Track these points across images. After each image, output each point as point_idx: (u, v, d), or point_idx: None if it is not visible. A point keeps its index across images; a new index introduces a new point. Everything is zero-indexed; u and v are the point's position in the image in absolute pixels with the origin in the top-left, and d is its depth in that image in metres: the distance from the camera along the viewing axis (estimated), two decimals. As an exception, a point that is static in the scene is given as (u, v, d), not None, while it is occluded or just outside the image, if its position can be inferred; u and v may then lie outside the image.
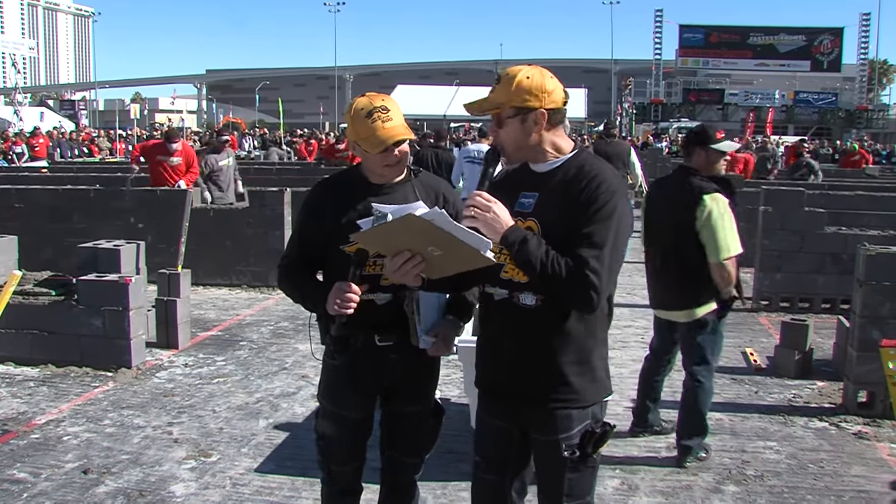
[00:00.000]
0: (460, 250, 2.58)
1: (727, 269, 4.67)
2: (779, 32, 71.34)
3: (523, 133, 2.67)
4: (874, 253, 5.86)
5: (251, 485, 4.65)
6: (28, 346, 6.74)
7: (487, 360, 2.84)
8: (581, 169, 2.65)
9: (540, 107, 2.65)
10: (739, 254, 4.73)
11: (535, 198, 2.68)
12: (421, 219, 2.55)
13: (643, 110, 65.90)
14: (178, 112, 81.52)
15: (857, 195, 11.86)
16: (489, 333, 2.82)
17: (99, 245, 7.00)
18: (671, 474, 4.85)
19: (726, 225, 4.66)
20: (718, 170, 4.97)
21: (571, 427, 2.69)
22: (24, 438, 5.27)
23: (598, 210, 2.55)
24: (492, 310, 2.77)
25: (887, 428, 5.58)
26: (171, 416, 5.72)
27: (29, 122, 39.65)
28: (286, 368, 6.90)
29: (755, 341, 7.98)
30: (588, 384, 2.71)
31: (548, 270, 2.50)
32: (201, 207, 10.31)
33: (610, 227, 2.54)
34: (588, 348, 2.70)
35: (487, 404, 2.89)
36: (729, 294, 4.79)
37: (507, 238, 2.55)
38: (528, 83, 2.64)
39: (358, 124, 2.94)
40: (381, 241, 2.75)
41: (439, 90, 37.29)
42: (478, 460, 2.94)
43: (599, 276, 2.50)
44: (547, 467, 2.78)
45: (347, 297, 2.84)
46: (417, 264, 2.70)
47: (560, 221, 2.58)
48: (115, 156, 32.23)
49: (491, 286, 2.74)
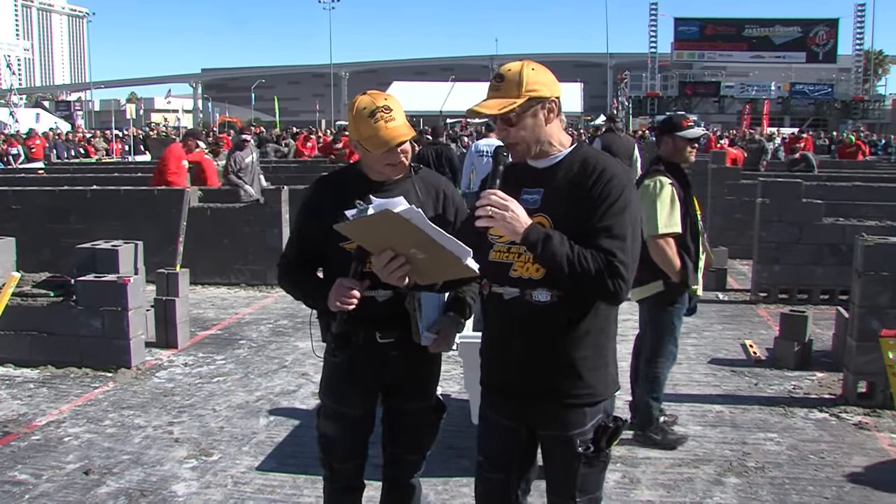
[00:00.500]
0: (441, 255, 2.57)
1: (661, 247, 4.80)
2: (774, 24, 71.48)
3: (538, 125, 2.65)
4: (872, 243, 5.87)
5: (253, 483, 4.65)
6: (27, 347, 6.73)
7: (496, 358, 2.81)
8: (586, 162, 2.64)
9: (552, 95, 2.65)
10: (677, 234, 4.85)
11: (541, 194, 2.66)
12: (398, 215, 2.54)
13: (639, 104, 65.96)
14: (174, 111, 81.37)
15: (854, 186, 11.85)
16: (497, 332, 2.80)
17: (97, 245, 7.00)
18: (672, 467, 4.86)
19: (661, 204, 4.81)
20: (687, 157, 5.11)
21: (585, 423, 2.69)
22: (24, 440, 5.27)
23: (612, 204, 2.55)
24: (500, 309, 2.74)
25: (887, 418, 5.59)
26: (171, 416, 5.72)
27: (25, 124, 39.63)
28: (286, 366, 6.90)
29: (754, 333, 7.99)
30: (600, 379, 2.71)
31: (576, 267, 2.49)
32: (198, 206, 10.30)
33: (626, 219, 2.56)
34: (602, 343, 2.71)
35: (495, 403, 2.86)
36: (677, 277, 4.88)
37: (528, 237, 2.52)
38: (535, 74, 2.63)
39: (360, 124, 2.92)
40: (363, 235, 2.75)
41: (435, 86, 37.28)
42: (481, 460, 2.93)
43: (627, 266, 2.52)
44: (559, 464, 2.77)
45: (349, 294, 2.83)
46: (402, 265, 2.70)
47: (571, 217, 2.58)
48: (111, 156, 32.20)
49: (499, 286, 2.72)
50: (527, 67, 2.64)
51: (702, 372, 6.73)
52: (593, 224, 2.54)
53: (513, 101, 2.60)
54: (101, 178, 14.01)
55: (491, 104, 2.63)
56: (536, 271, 2.60)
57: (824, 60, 71.01)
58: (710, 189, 12.86)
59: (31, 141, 27.10)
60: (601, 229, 2.53)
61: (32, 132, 29.11)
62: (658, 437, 5.14)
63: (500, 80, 2.65)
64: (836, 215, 9.65)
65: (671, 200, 4.85)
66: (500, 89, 2.64)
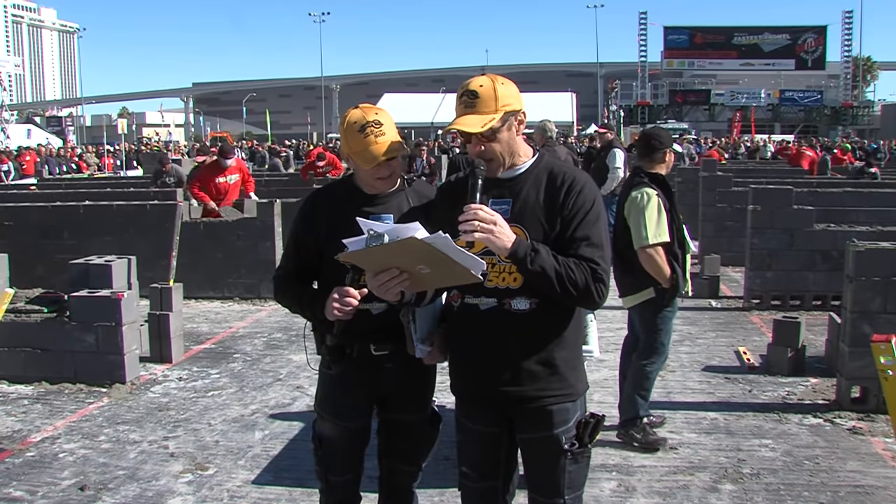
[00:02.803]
0: (451, 269, 2.56)
1: (651, 256, 4.97)
2: (763, 32, 71.72)
3: (512, 138, 2.71)
4: (863, 249, 5.91)
5: (249, 497, 4.64)
6: (21, 363, 6.72)
7: (472, 368, 2.82)
8: (553, 174, 2.72)
9: (521, 108, 2.72)
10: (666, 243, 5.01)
11: (510, 204, 2.70)
12: (422, 242, 2.50)
13: (630, 113, 66.12)
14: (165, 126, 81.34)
15: (844, 192, 11.91)
16: (471, 342, 2.80)
17: (90, 261, 6.99)
18: (668, 475, 4.87)
19: (649, 215, 4.98)
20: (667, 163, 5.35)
21: (568, 420, 2.76)
22: (19, 457, 5.25)
23: (587, 213, 2.65)
24: (476, 319, 2.74)
25: (881, 423, 5.61)
26: (166, 431, 5.71)
27: (16, 140, 39.54)
28: (280, 379, 6.89)
29: (748, 340, 8.01)
30: (579, 376, 2.82)
31: (564, 278, 2.56)
32: (192, 221, 10.30)
33: (601, 228, 2.67)
34: (577, 342, 2.82)
35: (470, 412, 2.89)
36: (667, 284, 5.04)
37: (516, 252, 2.55)
38: (505, 88, 2.69)
39: (351, 138, 2.95)
40: (370, 261, 2.70)
41: (426, 98, 37.51)
42: (464, 470, 2.94)
43: (607, 272, 2.65)
44: (546, 464, 2.79)
45: (347, 301, 2.83)
46: (402, 281, 2.69)
47: (545, 227, 2.64)
48: (103, 171, 32.13)
49: (473, 296, 2.72)
50: (497, 82, 2.69)
51: (696, 379, 6.75)
52: (571, 234, 2.63)
53: (492, 118, 2.64)
54: (93, 194, 13.95)
55: (471, 121, 2.64)
56: (514, 280, 2.65)
57: (813, 67, 71.30)
58: (702, 197, 12.91)
59: (23, 157, 27.02)
60: (580, 239, 2.62)
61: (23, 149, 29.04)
62: (639, 437, 5.23)
63: (472, 96, 2.66)
64: (828, 221, 9.70)
65: (658, 211, 5.01)
66: (474, 106, 2.65)
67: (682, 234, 5.22)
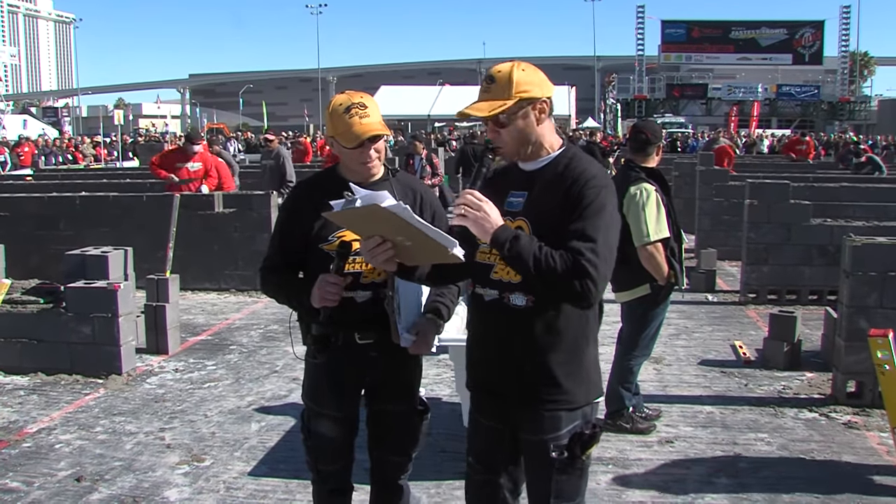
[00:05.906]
0: (428, 244, 2.61)
1: (652, 254, 4.98)
2: (760, 26, 71.85)
3: (529, 127, 2.65)
4: (860, 243, 5.91)
5: (245, 488, 4.64)
6: (17, 354, 6.71)
7: (479, 359, 2.83)
8: (568, 166, 2.64)
9: (543, 96, 2.65)
10: (665, 239, 5.02)
11: (525, 196, 2.67)
12: (386, 210, 2.59)
13: (627, 106, 66.13)
14: (162, 117, 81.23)
15: (841, 187, 11.93)
16: (479, 334, 2.81)
17: (86, 252, 6.98)
18: (664, 468, 4.88)
19: (649, 212, 4.97)
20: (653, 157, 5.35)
21: (560, 428, 2.67)
22: (15, 447, 5.25)
23: (587, 206, 2.53)
24: (482, 310, 2.75)
25: (876, 417, 5.62)
26: (162, 422, 5.70)
27: (12, 131, 39.43)
28: (277, 371, 6.89)
29: (744, 334, 8.03)
30: (578, 385, 2.69)
31: (542, 265, 2.46)
32: (188, 212, 10.26)
33: (600, 221, 2.53)
34: (579, 349, 2.69)
35: (479, 404, 2.88)
36: (664, 281, 5.07)
37: (497, 238, 2.52)
38: (525, 75, 2.63)
39: (335, 119, 2.99)
40: (351, 223, 2.82)
41: (423, 90, 37.40)
42: (470, 461, 2.93)
43: (596, 267, 2.46)
44: (535, 468, 2.76)
45: (332, 289, 2.86)
46: (388, 249, 2.72)
47: (549, 220, 2.57)
48: (99, 162, 32.07)
49: (481, 287, 2.73)
50: (517, 68, 2.63)
51: (692, 373, 6.76)
52: (567, 227, 2.52)
53: (503, 103, 2.60)
54: (89, 185, 13.94)
55: (481, 106, 2.62)
56: (515, 275, 2.59)
57: (810, 62, 71.43)
58: (698, 191, 12.93)
59: (20, 148, 26.94)
60: (573, 231, 2.51)
61: (22, 139, 28.97)
62: (627, 425, 5.33)
63: (490, 81, 2.65)
64: (824, 216, 9.71)
65: (657, 207, 5.01)
66: (490, 91, 2.63)
67: (679, 229, 5.23)
